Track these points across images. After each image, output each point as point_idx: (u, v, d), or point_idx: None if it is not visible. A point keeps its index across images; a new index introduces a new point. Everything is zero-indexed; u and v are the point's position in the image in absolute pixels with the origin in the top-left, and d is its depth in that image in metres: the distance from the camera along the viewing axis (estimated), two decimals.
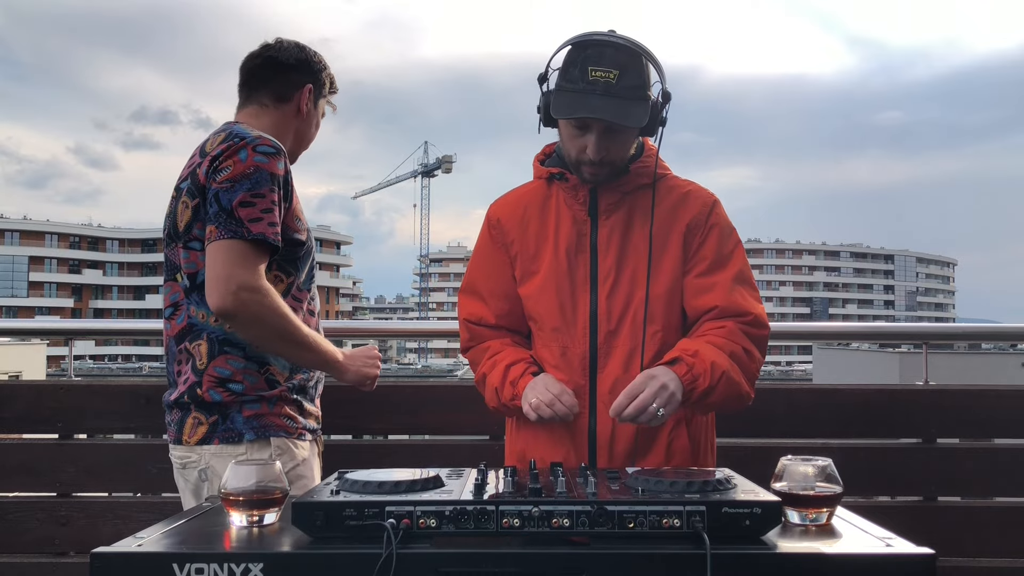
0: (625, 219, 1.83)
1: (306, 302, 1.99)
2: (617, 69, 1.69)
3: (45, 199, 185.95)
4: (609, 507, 1.22)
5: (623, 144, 1.80)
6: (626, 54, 1.72)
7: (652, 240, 1.79)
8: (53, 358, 37.90)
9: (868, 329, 3.36)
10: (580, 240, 1.84)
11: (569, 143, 1.80)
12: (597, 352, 1.82)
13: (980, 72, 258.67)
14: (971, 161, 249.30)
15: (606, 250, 1.83)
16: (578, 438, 1.80)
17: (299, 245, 1.94)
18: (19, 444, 2.78)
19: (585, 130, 1.76)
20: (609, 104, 1.69)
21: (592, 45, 1.72)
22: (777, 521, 1.26)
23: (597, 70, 1.70)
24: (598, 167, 1.78)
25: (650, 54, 1.75)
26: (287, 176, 1.90)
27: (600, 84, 1.69)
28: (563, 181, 1.86)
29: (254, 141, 1.86)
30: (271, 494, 1.35)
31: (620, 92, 1.70)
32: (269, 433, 1.88)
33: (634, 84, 1.71)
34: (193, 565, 1.17)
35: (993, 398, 2.66)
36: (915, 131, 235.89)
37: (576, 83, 1.71)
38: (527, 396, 1.74)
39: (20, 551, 2.66)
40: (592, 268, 1.83)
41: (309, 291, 2.01)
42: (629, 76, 1.71)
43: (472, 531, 1.23)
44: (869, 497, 2.72)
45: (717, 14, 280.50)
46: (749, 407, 2.62)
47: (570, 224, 1.85)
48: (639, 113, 1.72)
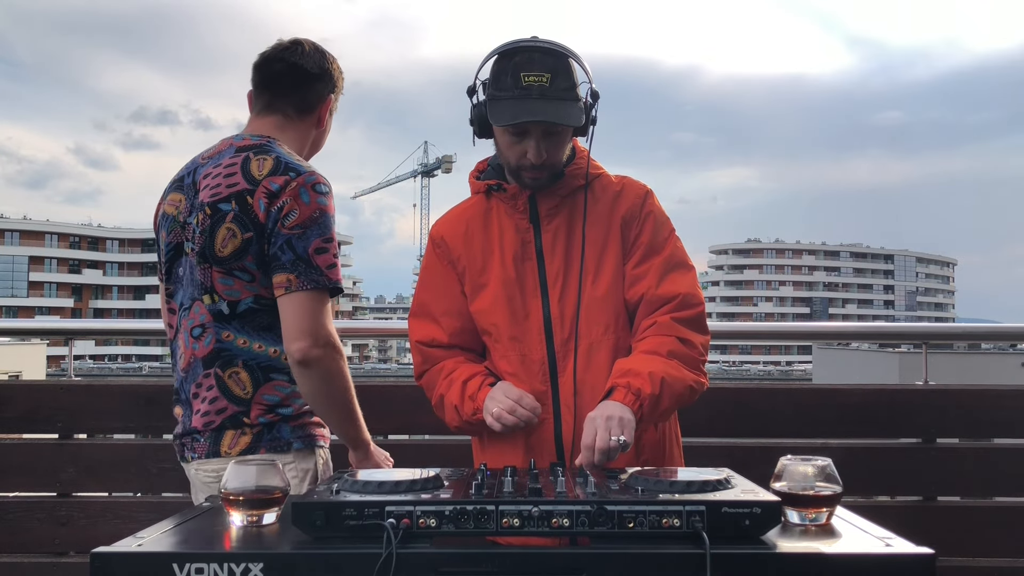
0: (567, 222, 1.84)
1: None
2: (548, 72, 1.72)
3: (45, 199, 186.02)
4: (609, 507, 1.22)
5: (560, 146, 1.81)
6: (554, 57, 1.74)
7: (585, 240, 1.82)
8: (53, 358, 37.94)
9: (868, 329, 3.37)
10: (525, 248, 1.85)
11: (507, 151, 1.80)
12: (555, 356, 1.81)
13: (980, 72, 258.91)
14: (971, 161, 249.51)
15: (551, 254, 1.84)
16: (545, 445, 1.79)
17: None
18: (19, 444, 2.78)
19: (523, 136, 1.76)
20: (547, 107, 1.71)
21: (520, 52, 1.74)
22: (777, 521, 1.26)
23: (529, 75, 1.71)
24: (538, 171, 1.79)
25: (575, 54, 1.77)
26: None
27: (535, 88, 1.71)
28: (501, 192, 1.86)
29: (310, 178, 1.85)
30: (271, 494, 1.35)
31: (555, 94, 1.72)
32: (315, 444, 1.90)
33: (566, 86, 1.74)
34: (193, 565, 1.17)
35: (993, 398, 2.66)
36: (915, 131, 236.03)
37: (510, 90, 1.72)
38: (488, 407, 1.73)
39: (20, 551, 2.66)
40: (540, 274, 1.84)
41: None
42: (561, 78, 1.73)
43: (472, 531, 1.23)
44: (869, 497, 2.73)
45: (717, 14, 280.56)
46: (749, 407, 2.64)
47: (513, 233, 1.85)
48: (576, 113, 1.75)
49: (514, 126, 1.75)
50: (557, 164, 1.82)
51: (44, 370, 25.26)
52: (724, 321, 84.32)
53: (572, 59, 1.77)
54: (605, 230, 1.85)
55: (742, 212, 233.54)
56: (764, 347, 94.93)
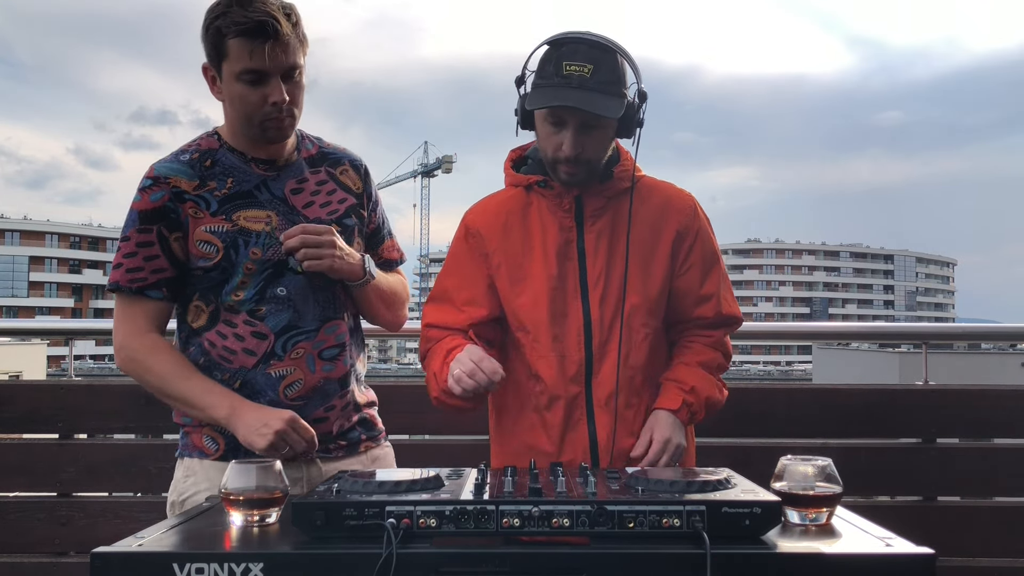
0: (611, 224, 1.82)
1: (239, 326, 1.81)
2: (591, 64, 1.69)
3: (45, 199, 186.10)
4: (609, 507, 1.22)
5: (599, 141, 1.77)
6: (600, 50, 1.71)
7: (630, 245, 1.80)
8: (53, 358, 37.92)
9: (868, 329, 3.37)
10: (567, 247, 1.82)
11: (545, 142, 1.78)
12: (593, 358, 1.81)
13: (980, 72, 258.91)
14: (971, 161, 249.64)
15: (594, 256, 1.81)
16: (579, 444, 1.80)
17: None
18: (19, 444, 2.78)
19: (561, 126, 1.74)
20: (583, 95, 1.68)
21: (567, 42, 1.72)
22: (777, 521, 1.26)
23: (571, 64, 1.68)
24: (574, 165, 1.75)
25: (625, 52, 1.74)
26: (164, 207, 1.77)
27: (575, 78, 1.68)
28: (547, 189, 1.83)
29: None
30: (271, 494, 1.35)
31: (595, 86, 1.68)
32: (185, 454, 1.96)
33: (609, 79, 1.70)
34: (193, 565, 1.17)
35: (993, 398, 2.66)
36: (915, 131, 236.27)
37: (550, 78, 1.71)
38: (452, 369, 1.68)
39: (20, 551, 2.66)
40: (582, 274, 1.81)
41: (242, 312, 1.81)
42: (603, 71, 1.70)
43: (472, 531, 1.23)
44: (869, 497, 2.73)
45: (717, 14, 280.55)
46: (749, 407, 2.64)
47: (556, 231, 1.82)
48: (614, 106, 1.70)
49: (549, 112, 1.73)
50: (594, 161, 1.78)
51: (44, 370, 25.26)
52: None
53: (621, 56, 1.73)
54: (652, 238, 1.83)
55: (742, 212, 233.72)
56: (764, 347, 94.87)
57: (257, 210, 1.81)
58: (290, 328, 1.81)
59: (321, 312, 1.83)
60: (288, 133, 1.81)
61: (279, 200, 1.83)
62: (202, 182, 1.80)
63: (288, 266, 1.80)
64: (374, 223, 1.98)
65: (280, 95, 1.72)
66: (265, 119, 1.75)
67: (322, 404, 1.83)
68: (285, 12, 1.70)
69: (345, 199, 1.90)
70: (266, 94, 1.72)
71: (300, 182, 1.86)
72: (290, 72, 1.73)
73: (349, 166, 1.94)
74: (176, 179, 1.79)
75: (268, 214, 1.81)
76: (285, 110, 1.74)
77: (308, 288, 1.82)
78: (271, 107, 1.73)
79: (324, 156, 1.92)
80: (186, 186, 1.79)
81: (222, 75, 1.74)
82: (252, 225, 1.79)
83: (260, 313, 1.80)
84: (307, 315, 1.82)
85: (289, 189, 1.85)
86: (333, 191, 1.89)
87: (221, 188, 1.80)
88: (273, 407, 1.76)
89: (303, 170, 1.88)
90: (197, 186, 1.80)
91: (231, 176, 1.81)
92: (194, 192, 1.79)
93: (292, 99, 1.75)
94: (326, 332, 1.83)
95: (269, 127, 1.76)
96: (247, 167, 1.83)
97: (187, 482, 1.86)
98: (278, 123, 1.76)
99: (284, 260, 1.79)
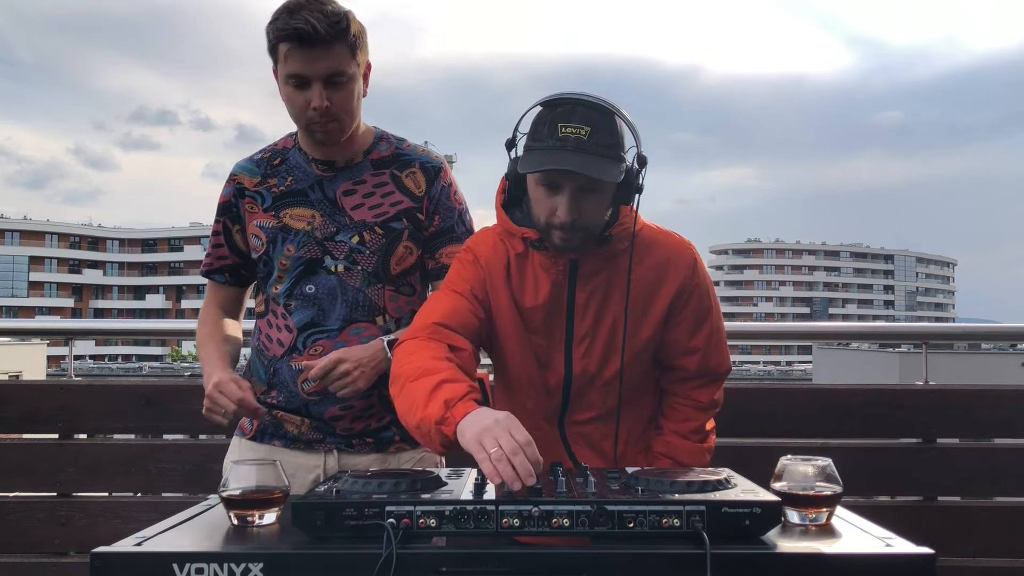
0: (605, 284, 1.74)
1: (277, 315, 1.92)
2: (589, 126, 1.59)
3: (45, 199, 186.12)
4: (609, 507, 1.22)
5: (597, 206, 1.66)
6: (598, 112, 1.62)
7: (628, 309, 1.73)
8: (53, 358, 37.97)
9: (868, 329, 3.37)
10: (557, 302, 1.74)
11: (538, 206, 1.67)
12: (570, 406, 1.79)
13: (980, 72, 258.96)
14: (971, 161, 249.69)
15: (583, 313, 1.74)
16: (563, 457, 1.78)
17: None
18: (19, 444, 2.78)
19: (556, 190, 1.63)
20: (580, 159, 1.58)
21: (562, 103, 1.63)
22: (777, 521, 1.26)
23: (567, 126, 1.59)
24: (570, 231, 1.64)
25: (624, 115, 1.66)
26: (229, 202, 1.94)
27: (571, 140, 1.58)
28: (541, 249, 1.72)
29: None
30: (271, 494, 1.36)
31: (592, 149, 1.59)
32: None
33: (607, 142, 1.61)
34: (193, 565, 1.17)
35: (993, 398, 2.66)
36: (915, 131, 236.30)
37: (545, 140, 1.61)
38: (481, 437, 1.33)
39: (20, 551, 2.66)
40: (568, 330, 1.76)
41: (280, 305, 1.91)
42: (601, 134, 1.60)
43: (472, 531, 1.23)
44: (869, 497, 2.72)
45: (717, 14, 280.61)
46: (749, 407, 2.64)
47: (548, 285, 1.74)
48: (612, 170, 1.60)
49: (543, 176, 1.63)
50: (591, 227, 1.67)
51: (44, 370, 25.28)
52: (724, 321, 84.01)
53: (619, 118, 1.65)
54: (647, 300, 1.76)
55: (741, 212, 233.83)
56: (764, 347, 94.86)
57: (304, 208, 1.89)
58: (312, 325, 1.86)
59: (348, 314, 1.86)
60: (335, 138, 1.83)
61: (328, 201, 1.88)
62: (263, 179, 1.92)
63: (322, 264, 1.87)
64: (436, 224, 1.93)
65: (319, 100, 1.75)
66: (309, 123, 1.80)
67: (338, 403, 1.85)
68: (333, 20, 1.74)
69: (400, 202, 1.90)
70: (308, 98, 1.76)
71: (356, 183, 1.89)
72: (334, 78, 1.76)
73: (419, 168, 1.93)
74: (241, 176, 1.94)
75: (313, 213, 1.88)
76: (328, 115, 1.78)
77: (338, 289, 1.86)
78: (313, 111, 1.77)
79: (396, 158, 1.93)
80: (247, 183, 1.93)
81: (279, 77, 1.81)
82: (295, 223, 1.88)
83: (290, 308, 1.89)
84: (331, 315, 1.86)
85: (342, 191, 1.89)
86: (390, 193, 1.90)
87: (280, 185, 1.91)
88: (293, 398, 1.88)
89: (364, 172, 1.91)
90: (258, 183, 1.92)
91: (292, 175, 1.91)
92: (253, 188, 1.92)
93: (337, 104, 1.77)
94: (350, 334, 1.86)
95: (314, 130, 1.81)
96: (308, 167, 1.91)
97: (228, 459, 1.96)
98: (322, 127, 1.80)
99: (316, 259, 1.87)
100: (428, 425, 1.44)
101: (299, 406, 1.88)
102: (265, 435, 1.93)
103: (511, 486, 1.24)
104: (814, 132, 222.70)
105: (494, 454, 1.28)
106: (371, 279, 1.87)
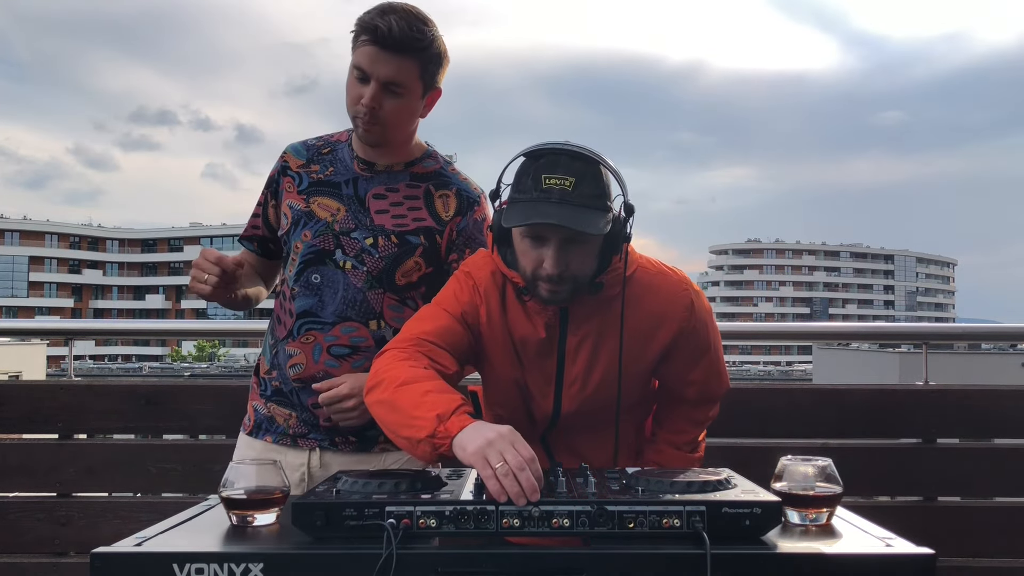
0: (597, 330, 1.71)
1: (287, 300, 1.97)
2: (573, 176, 1.57)
3: (45, 199, 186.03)
4: (609, 507, 1.22)
5: (584, 257, 1.63)
6: (583, 161, 1.60)
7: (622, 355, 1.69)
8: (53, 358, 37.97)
9: (868, 329, 3.36)
10: (549, 344, 1.72)
11: (524, 258, 1.64)
12: (557, 432, 1.79)
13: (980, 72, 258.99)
14: (971, 161, 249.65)
15: (574, 357, 1.72)
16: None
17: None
18: (19, 444, 2.78)
19: (541, 242, 1.60)
20: (565, 211, 1.55)
21: (546, 154, 1.61)
22: (777, 521, 1.26)
23: (551, 178, 1.57)
24: (557, 283, 1.61)
25: (608, 163, 1.63)
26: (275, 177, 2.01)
27: (555, 192, 1.56)
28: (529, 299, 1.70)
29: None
30: (271, 494, 1.36)
31: (577, 200, 1.56)
32: None
33: (592, 193, 1.58)
34: (193, 565, 1.17)
35: (993, 398, 2.66)
36: (915, 131, 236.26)
37: (528, 192, 1.59)
38: (486, 452, 1.29)
39: (20, 551, 2.66)
40: (559, 372, 1.74)
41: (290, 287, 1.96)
42: (586, 184, 1.58)
43: (472, 531, 1.23)
44: (869, 497, 2.73)
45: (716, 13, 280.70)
46: (749, 407, 2.64)
47: (541, 326, 1.71)
48: (598, 221, 1.58)
49: (528, 228, 1.60)
50: (580, 278, 1.64)
51: (44, 370, 25.28)
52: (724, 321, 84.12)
53: (604, 167, 1.63)
54: (641, 346, 1.73)
55: (741, 212, 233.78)
56: (764, 347, 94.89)
57: (333, 200, 1.92)
58: (308, 315, 1.89)
59: (343, 310, 1.87)
60: (374, 139, 1.86)
61: (357, 199, 1.91)
62: (307, 163, 1.97)
63: (332, 257, 1.89)
64: (452, 258, 1.91)
65: (369, 99, 1.78)
66: (356, 115, 1.83)
67: (317, 394, 1.85)
68: (416, 34, 1.77)
69: (423, 219, 1.90)
70: (362, 93, 1.79)
71: (389, 190, 1.91)
72: (392, 86, 1.78)
73: (454, 194, 1.93)
74: (289, 155, 2.00)
75: (339, 207, 1.91)
76: (373, 116, 1.80)
77: (340, 285, 1.88)
78: (361, 107, 1.80)
79: (436, 176, 1.95)
80: (293, 163, 1.98)
81: (350, 64, 1.84)
82: (320, 212, 1.92)
83: (295, 293, 1.92)
84: (328, 308, 1.88)
85: (373, 193, 1.91)
86: (417, 208, 1.91)
87: (321, 173, 1.95)
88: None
89: (400, 181, 1.92)
90: (301, 165, 1.97)
91: (334, 166, 1.95)
92: (296, 169, 1.97)
93: (386, 110, 1.80)
94: (341, 330, 1.87)
95: (358, 124, 1.84)
96: (350, 163, 1.94)
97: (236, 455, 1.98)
98: (364, 125, 1.82)
99: (328, 251, 1.89)
100: (417, 437, 1.41)
101: (289, 391, 1.92)
102: (260, 429, 1.97)
103: (516, 502, 1.24)
104: (814, 132, 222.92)
105: (500, 469, 1.26)
106: (374, 282, 1.88)
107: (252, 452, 1.96)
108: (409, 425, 1.43)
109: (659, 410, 1.90)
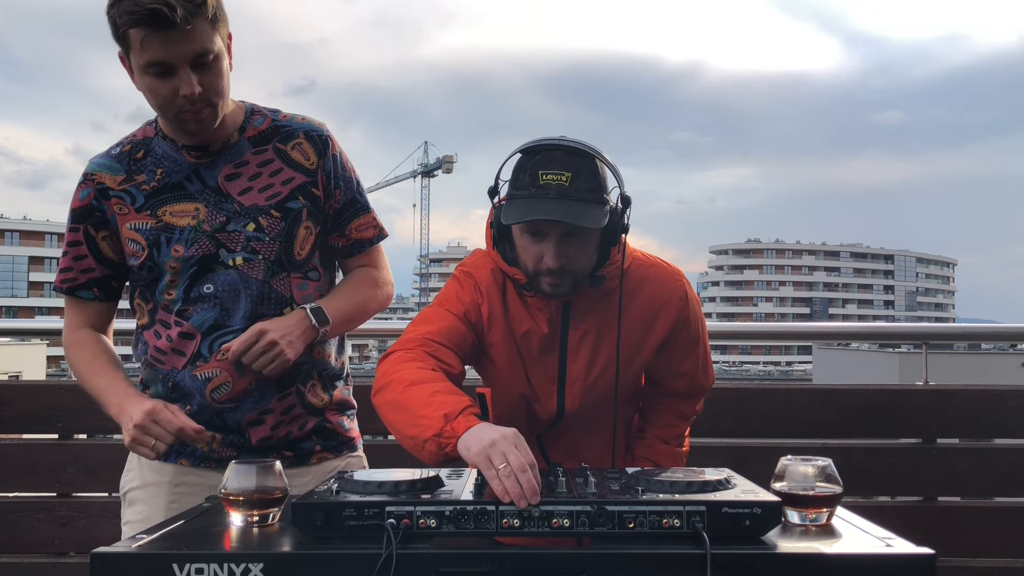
0: (597, 324, 1.74)
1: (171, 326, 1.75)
2: (569, 171, 1.59)
3: (45, 199, 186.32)
4: (609, 507, 1.22)
5: (583, 251, 1.65)
6: (578, 157, 1.62)
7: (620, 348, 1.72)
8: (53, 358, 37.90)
9: (868, 329, 3.37)
10: (551, 340, 1.74)
11: (524, 254, 1.67)
12: (556, 431, 1.81)
13: (981, 72, 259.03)
14: (971, 161, 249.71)
15: (576, 352, 1.74)
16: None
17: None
18: (19, 444, 2.78)
19: (540, 237, 1.63)
20: (562, 206, 1.57)
21: (542, 150, 1.63)
22: (777, 521, 1.26)
23: (548, 173, 1.59)
24: (558, 277, 1.64)
25: (604, 157, 1.66)
26: (89, 205, 1.73)
27: (552, 187, 1.58)
28: (531, 295, 1.72)
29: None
30: (271, 494, 1.35)
31: (574, 194, 1.59)
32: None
33: (589, 187, 1.61)
34: (193, 565, 1.17)
35: (993, 398, 2.66)
36: (915, 131, 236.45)
37: (526, 188, 1.61)
38: (489, 452, 1.30)
39: (20, 551, 2.66)
40: (561, 368, 1.75)
41: (173, 312, 1.75)
42: (583, 179, 1.60)
43: (472, 531, 1.23)
44: (869, 497, 2.73)
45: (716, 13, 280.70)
46: (749, 407, 2.64)
47: (544, 322, 1.73)
48: (596, 216, 1.61)
49: (527, 225, 1.63)
50: (579, 271, 1.66)
51: (44, 370, 25.28)
52: (724, 321, 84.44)
53: (600, 161, 1.65)
54: (640, 337, 1.76)
55: (741, 212, 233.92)
56: (764, 347, 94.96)
57: (185, 203, 1.72)
58: (217, 327, 1.72)
59: (253, 310, 1.72)
60: (210, 125, 1.66)
61: (210, 190, 1.72)
62: (129, 176, 1.73)
63: (218, 260, 1.71)
64: (338, 200, 1.81)
65: (189, 87, 1.57)
66: (179, 112, 1.61)
67: (256, 408, 1.73)
68: None
69: (292, 179, 1.75)
70: (176, 86, 1.58)
71: (238, 166, 1.73)
72: (200, 59, 1.57)
73: (304, 138, 1.77)
74: (100, 175, 1.74)
75: (196, 207, 1.72)
76: (201, 101, 1.60)
77: (239, 284, 1.72)
78: (183, 100, 1.59)
79: (276, 131, 1.77)
80: (110, 182, 1.73)
81: (133, 66, 1.62)
82: (177, 220, 1.71)
83: (188, 312, 1.72)
84: (236, 313, 1.72)
85: (224, 176, 1.73)
86: (278, 171, 1.75)
87: (150, 181, 1.72)
88: (205, 409, 1.72)
89: (244, 152, 1.74)
90: (123, 180, 1.73)
91: (161, 167, 1.73)
92: (119, 187, 1.72)
93: (208, 88, 1.60)
94: None
95: (186, 120, 1.63)
96: (179, 155, 1.73)
97: (126, 480, 1.89)
98: (194, 116, 1.62)
99: (210, 255, 1.71)
100: (424, 436, 1.42)
101: (210, 417, 1.72)
102: (170, 454, 1.74)
103: (517, 503, 1.24)
104: (814, 132, 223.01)
105: (503, 470, 1.26)
106: (274, 268, 1.73)
107: (164, 477, 1.78)
108: (415, 424, 1.45)
109: (646, 406, 1.92)
